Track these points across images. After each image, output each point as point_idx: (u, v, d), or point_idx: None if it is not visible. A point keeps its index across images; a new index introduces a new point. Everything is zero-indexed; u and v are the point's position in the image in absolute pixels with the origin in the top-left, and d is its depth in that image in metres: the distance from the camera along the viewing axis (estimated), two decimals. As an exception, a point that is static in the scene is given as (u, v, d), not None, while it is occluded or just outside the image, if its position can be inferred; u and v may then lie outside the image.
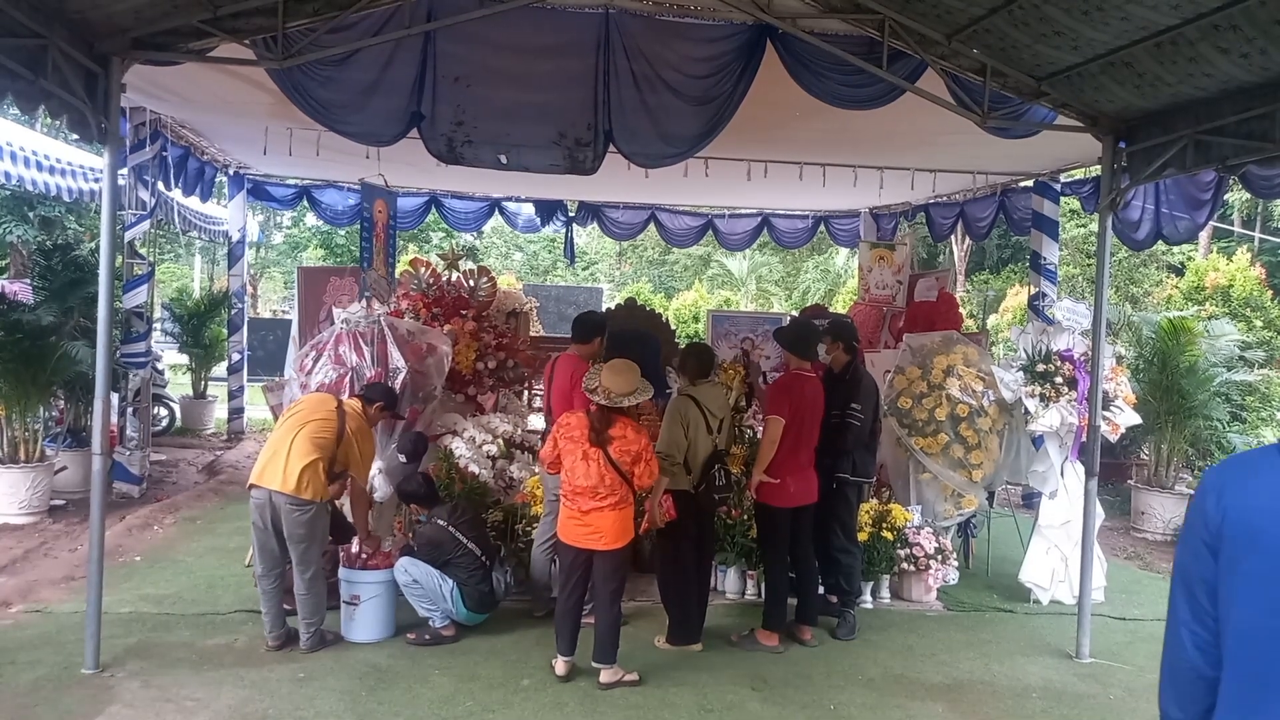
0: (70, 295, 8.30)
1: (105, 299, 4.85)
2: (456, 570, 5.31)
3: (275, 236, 27.80)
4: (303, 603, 5.07)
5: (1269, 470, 1.70)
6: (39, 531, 7.31)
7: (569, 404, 5.50)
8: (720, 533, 6.11)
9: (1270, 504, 1.65)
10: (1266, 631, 1.65)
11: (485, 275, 6.97)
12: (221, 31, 5.09)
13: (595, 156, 5.95)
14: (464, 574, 5.31)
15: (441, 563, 5.29)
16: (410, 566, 5.25)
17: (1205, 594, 1.73)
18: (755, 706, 4.71)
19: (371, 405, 5.35)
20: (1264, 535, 1.65)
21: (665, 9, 5.70)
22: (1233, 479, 1.75)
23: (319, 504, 4.97)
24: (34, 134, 9.61)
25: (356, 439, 5.12)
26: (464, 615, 5.36)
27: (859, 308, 10.51)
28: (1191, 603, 1.76)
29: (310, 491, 4.91)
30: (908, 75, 5.65)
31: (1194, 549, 1.75)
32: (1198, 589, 1.74)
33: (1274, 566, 1.64)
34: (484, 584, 5.39)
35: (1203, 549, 1.73)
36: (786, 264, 28.21)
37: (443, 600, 5.26)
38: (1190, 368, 9.02)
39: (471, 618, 5.41)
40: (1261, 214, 23.79)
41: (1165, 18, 4.30)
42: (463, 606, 5.32)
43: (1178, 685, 1.80)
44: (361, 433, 5.19)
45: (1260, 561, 1.65)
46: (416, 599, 5.27)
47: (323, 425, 5.02)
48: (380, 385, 5.62)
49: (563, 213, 13.08)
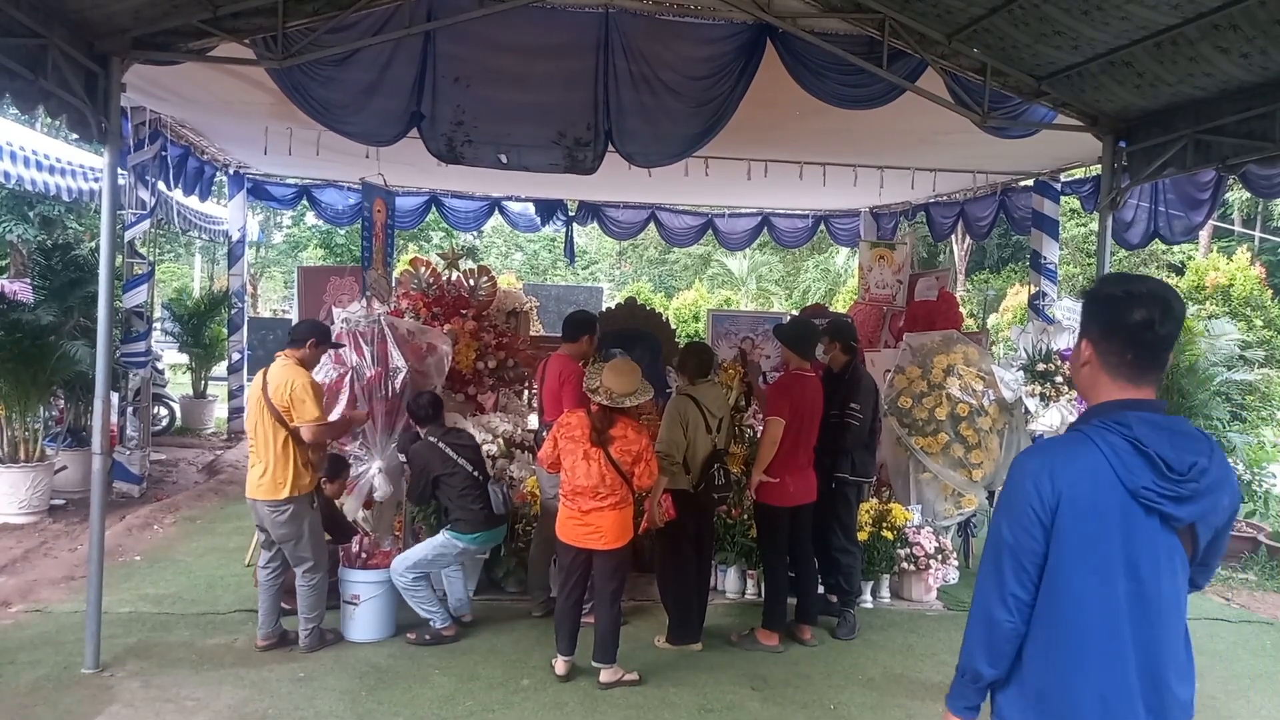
0: (70, 295, 8.31)
1: (105, 299, 4.85)
2: (448, 490, 5.23)
3: (275, 236, 27.80)
4: (300, 599, 5.06)
5: (1083, 453, 1.96)
6: (39, 531, 7.31)
7: (557, 403, 5.50)
8: (720, 532, 6.11)
9: (1091, 481, 1.93)
10: (1090, 593, 1.93)
11: (485, 275, 6.96)
12: (221, 31, 5.10)
13: (595, 156, 5.95)
14: (455, 494, 5.23)
15: (433, 484, 5.23)
16: (404, 562, 5.24)
17: (1033, 565, 1.98)
18: (755, 706, 4.71)
19: (304, 347, 5.04)
20: (1085, 511, 1.93)
21: (665, 8, 5.70)
22: (1061, 464, 1.97)
23: (297, 499, 4.87)
24: (34, 134, 9.61)
25: (293, 390, 4.85)
26: (470, 540, 5.27)
27: (859, 307, 10.50)
28: (1019, 573, 1.99)
29: (286, 489, 4.83)
30: (908, 75, 5.65)
31: (1028, 525, 1.97)
32: (1026, 560, 1.98)
33: (1097, 536, 1.93)
34: (477, 503, 5.26)
35: (1036, 525, 1.97)
36: (786, 263, 28.23)
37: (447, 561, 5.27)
38: (1190, 367, 9.01)
39: (477, 540, 5.31)
40: (1261, 213, 23.80)
41: (1165, 17, 4.30)
42: (464, 539, 5.24)
43: (994, 644, 2.02)
44: (299, 386, 4.85)
45: (1081, 534, 1.93)
46: (417, 602, 5.27)
47: (265, 404, 4.87)
48: (304, 323, 5.45)
49: (563, 212, 13.09)
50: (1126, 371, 2.01)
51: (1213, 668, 5.59)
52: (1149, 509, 1.93)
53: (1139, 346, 2.00)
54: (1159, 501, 1.92)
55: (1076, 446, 1.99)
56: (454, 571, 5.59)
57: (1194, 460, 1.94)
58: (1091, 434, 1.98)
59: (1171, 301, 2.00)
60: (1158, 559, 1.95)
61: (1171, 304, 2.00)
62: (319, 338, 5.13)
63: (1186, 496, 1.93)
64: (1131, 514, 1.93)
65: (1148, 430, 1.94)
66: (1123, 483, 1.92)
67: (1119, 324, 2.01)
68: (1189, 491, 1.93)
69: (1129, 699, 1.94)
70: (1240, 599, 7.06)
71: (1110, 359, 2.02)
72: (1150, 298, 1.99)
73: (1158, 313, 1.98)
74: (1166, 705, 1.96)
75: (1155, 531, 1.95)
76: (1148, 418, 1.98)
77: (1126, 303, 2.00)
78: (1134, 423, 1.96)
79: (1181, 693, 1.98)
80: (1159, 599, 1.96)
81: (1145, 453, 1.93)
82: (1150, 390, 2.03)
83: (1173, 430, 1.98)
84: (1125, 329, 2.00)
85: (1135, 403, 2.01)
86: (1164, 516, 1.94)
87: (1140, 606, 1.95)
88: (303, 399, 4.84)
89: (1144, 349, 2.00)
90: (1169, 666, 1.97)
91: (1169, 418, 2.02)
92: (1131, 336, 2.00)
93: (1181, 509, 1.93)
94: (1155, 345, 2.00)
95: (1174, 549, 1.97)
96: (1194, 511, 1.95)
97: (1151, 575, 1.95)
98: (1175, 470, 1.92)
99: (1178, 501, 1.93)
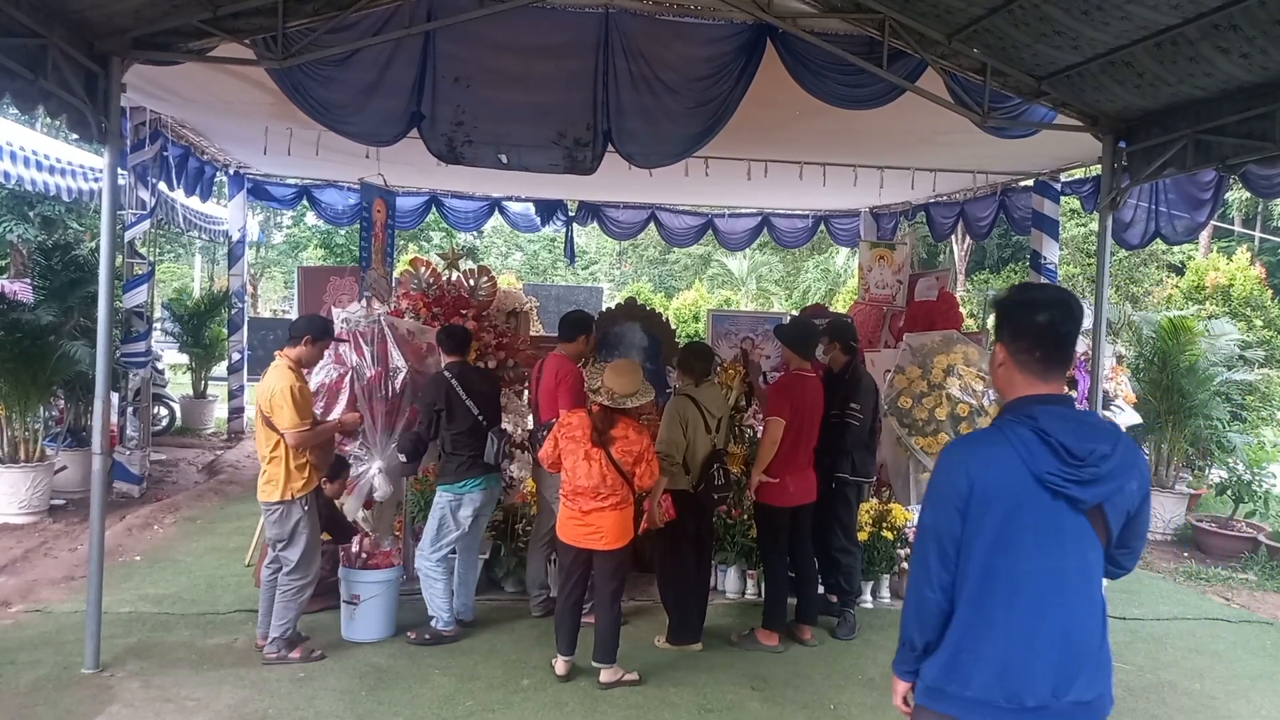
0: (70, 295, 8.31)
1: (105, 299, 4.85)
2: (445, 434, 5.22)
3: (275, 236, 27.81)
4: (276, 601, 4.94)
5: (994, 445, 2.23)
6: (39, 531, 7.31)
7: (553, 402, 5.50)
8: (720, 532, 6.11)
9: (998, 473, 2.19)
10: (1001, 571, 2.19)
11: (485, 275, 6.95)
12: (221, 31, 5.10)
13: (594, 157, 5.95)
14: (449, 439, 5.22)
15: (436, 423, 5.23)
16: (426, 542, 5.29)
17: (952, 547, 2.23)
18: (755, 706, 4.71)
19: (300, 344, 4.96)
20: (994, 497, 2.19)
21: (665, 9, 5.70)
22: (972, 456, 2.25)
23: (287, 503, 4.82)
24: (34, 134, 9.60)
25: (272, 396, 4.76)
26: (456, 489, 5.26)
27: (859, 307, 10.50)
28: (942, 556, 2.25)
29: (278, 492, 4.81)
30: (908, 75, 5.65)
31: (947, 513, 2.24)
32: (947, 544, 2.24)
33: (1006, 519, 2.18)
34: (465, 450, 5.21)
35: (954, 513, 2.22)
36: (787, 264, 28.22)
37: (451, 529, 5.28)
38: (1190, 367, 9.01)
39: (464, 488, 5.27)
40: (1261, 213, 23.81)
41: (1165, 17, 4.30)
42: (450, 490, 5.25)
43: (923, 618, 2.30)
44: (278, 392, 4.75)
45: (992, 518, 2.19)
46: (432, 594, 5.28)
47: (257, 406, 4.88)
48: (302, 319, 5.33)
49: (563, 212, 13.08)
50: (1035, 368, 2.26)
51: (1213, 668, 5.59)
52: (1055, 493, 2.16)
53: (1045, 345, 2.24)
54: (1063, 485, 2.15)
55: (988, 440, 2.28)
56: (468, 571, 5.59)
57: (1095, 447, 2.16)
58: (1003, 427, 2.24)
59: (1070, 304, 2.27)
60: (1064, 538, 2.19)
61: (1070, 306, 2.27)
62: (315, 334, 5.02)
63: (1089, 480, 2.16)
64: (1039, 498, 2.17)
65: (1053, 421, 2.18)
66: (1029, 470, 2.16)
67: (1026, 326, 2.27)
68: (1090, 476, 2.16)
69: (1030, 668, 2.17)
70: (1240, 599, 7.06)
71: (1021, 358, 2.27)
72: (1051, 302, 2.27)
73: (1059, 314, 2.24)
74: (1072, 675, 2.17)
75: (1062, 513, 2.18)
76: (1053, 410, 2.22)
77: (1031, 308, 2.27)
78: (1040, 415, 2.20)
79: (1086, 660, 2.20)
80: (1064, 575, 2.19)
81: (1049, 441, 2.16)
82: (1058, 385, 2.28)
83: (1078, 421, 2.23)
84: (1032, 330, 2.25)
85: (1043, 397, 2.25)
86: (1070, 499, 2.17)
87: (1047, 582, 2.18)
88: (280, 405, 4.76)
89: (1050, 347, 2.25)
90: (1076, 638, 2.19)
91: (1076, 410, 2.27)
92: (1038, 336, 2.25)
93: (1085, 491, 2.16)
94: (1059, 343, 2.25)
95: (1082, 529, 2.20)
96: (1098, 494, 2.18)
97: (1058, 554, 2.19)
98: (1076, 456, 2.15)
99: (1081, 485, 2.16)
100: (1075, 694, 2.18)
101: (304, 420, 4.81)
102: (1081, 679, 2.19)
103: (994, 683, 2.19)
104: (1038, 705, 2.17)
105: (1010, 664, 2.18)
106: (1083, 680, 2.19)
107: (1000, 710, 2.18)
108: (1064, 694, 2.17)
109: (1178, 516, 8.93)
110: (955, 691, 2.24)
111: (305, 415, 4.83)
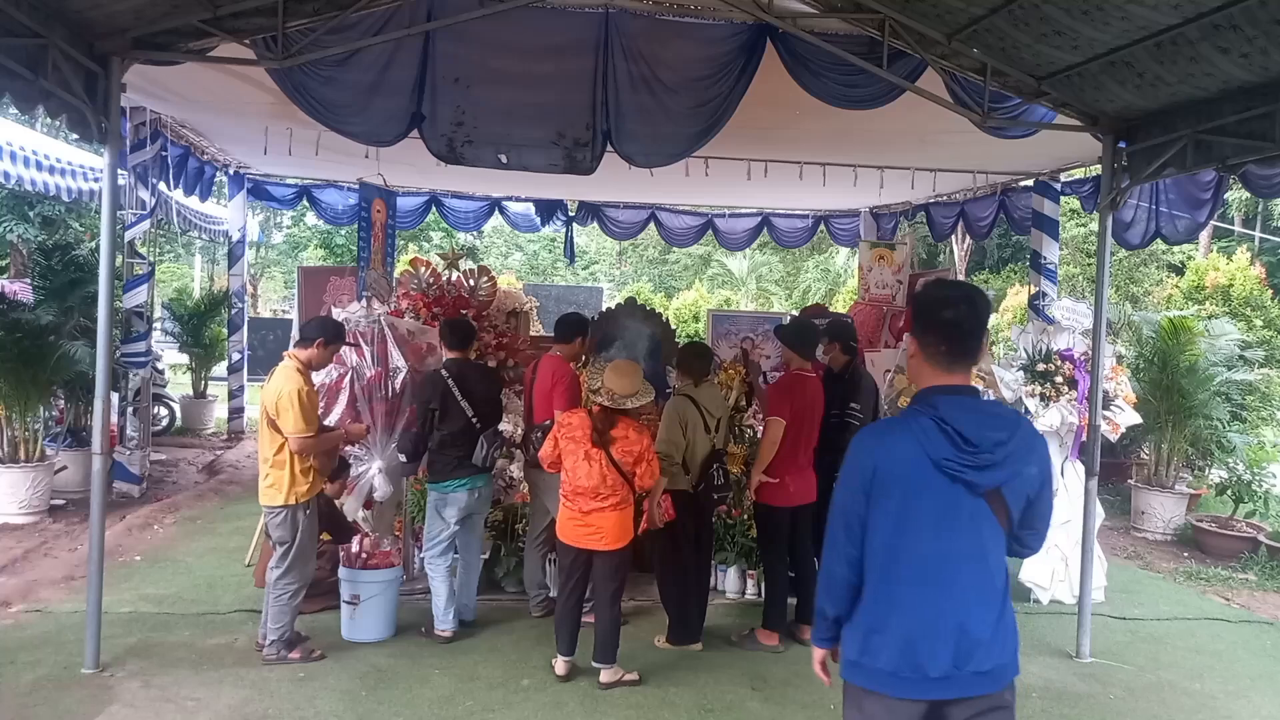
0: (70, 295, 8.31)
1: (105, 299, 4.85)
2: (438, 432, 5.19)
3: (275, 236, 27.79)
4: (271, 604, 4.92)
5: (896, 433, 2.42)
6: (39, 531, 7.31)
7: (548, 403, 5.49)
8: (720, 532, 6.11)
9: (898, 458, 2.36)
10: (902, 549, 2.37)
11: (485, 275, 6.95)
12: (221, 31, 5.09)
13: (593, 157, 5.95)
14: (439, 437, 5.19)
15: (429, 417, 5.20)
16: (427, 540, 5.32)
17: (858, 525, 2.42)
18: (755, 706, 4.71)
19: (311, 346, 4.92)
20: (893, 480, 2.36)
21: (665, 9, 5.69)
22: (877, 442, 2.45)
23: (290, 507, 4.80)
24: (34, 134, 9.61)
25: (279, 399, 4.71)
26: (441, 489, 5.26)
27: (859, 307, 10.51)
28: (849, 532, 2.43)
29: (281, 495, 4.79)
30: (908, 75, 5.64)
31: (854, 493, 2.42)
32: (854, 522, 2.42)
33: (901, 503, 2.36)
34: (454, 449, 5.18)
35: (860, 493, 2.40)
36: (787, 263, 28.21)
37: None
38: (1190, 367, 9.01)
39: (448, 488, 5.26)
40: (1261, 213, 23.80)
41: (1166, 17, 4.30)
42: (436, 488, 5.27)
43: (833, 592, 2.50)
44: (284, 395, 4.70)
45: (891, 499, 2.37)
46: (434, 592, 5.31)
47: (262, 408, 4.86)
48: (314, 320, 5.24)
49: (563, 212, 13.08)
50: (942, 360, 2.42)
51: (1213, 668, 5.59)
52: (954, 477, 2.32)
53: (950, 339, 2.41)
54: (960, 470, 2.31)
55: (892, 428, 2.49)
56: (466, 572, 5.59)
57: (992, 435, 2.33)
58: (907, 416, 2.44)
59: (976, 301, 2.45)
60: (962, 520, 2.35)
61: (976, 303, 2.44)
62: (328, 337, 4.96)
63: (984, 465, 2.32)
64: (937, 481, 2.33)
65: (952, 410, 2.35)
66: (928, 455, 2.33)
67: (933, 322, 2.44)
68: (985, 461, 2.31)
69: (932, 642, 2.34)
70: (1240, 599, 7.06)
71: (929, 350, 2.44)
72: (957, 299, 2.45)
73: (964, 311, 2.42)
74: (971, 646, 2.35)
75: (961, 496, 2.34)
76: (955, 400, 2.38)
77: (939, 304, 2.44)
78: (941, 404, 2.37)
79: (983, 634, 2.35)
80: (962, 556, 2.36)
81: (946, 429, 2.32)
82: (963, 377, 2.44)
83: (978, 410, 2.39)
84: (938, 325, 2.42)
85: (947, 388, 2.42)
86: (967, 484, 2.33)
87: (946, 562, 2.35)
88: (285, 409, 4.70)
89: (954, 341, 2.41)
90: (972, 615, 2.35)
91: (979, 400, 2.44)
92: (943, 331, 2.42)
93: (981, 476, 2.32)
94: (963, 337, 2.41)
95: (981, 512, 2.36)
96: (994, 478, 2.33)
97: (956, 535, 2.35)
98: (972, 443, 2.31)
99: (977, 470, 2.32)
100: (974, 665, 2.35)
101: (309, 427, 4.75)
102: (979, 652, 2.35)
103: (900, 656, 2.37)
104: (940, 676, 2.35)
105: (913, 638, 2.35)
106: (981, 653, 2.35)
107: (907, 681, 2.37)
108: (964, 665, 2.34)
109: (1178, 516, 8.93)
110: (869, 664, 2.42)
111: (311, 422, 4.77)
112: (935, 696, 2.36)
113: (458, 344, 5.40)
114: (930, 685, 2.36)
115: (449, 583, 5.38)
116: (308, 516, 4.90)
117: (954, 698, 2.37)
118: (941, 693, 2.36)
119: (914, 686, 2.37)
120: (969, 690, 2.36)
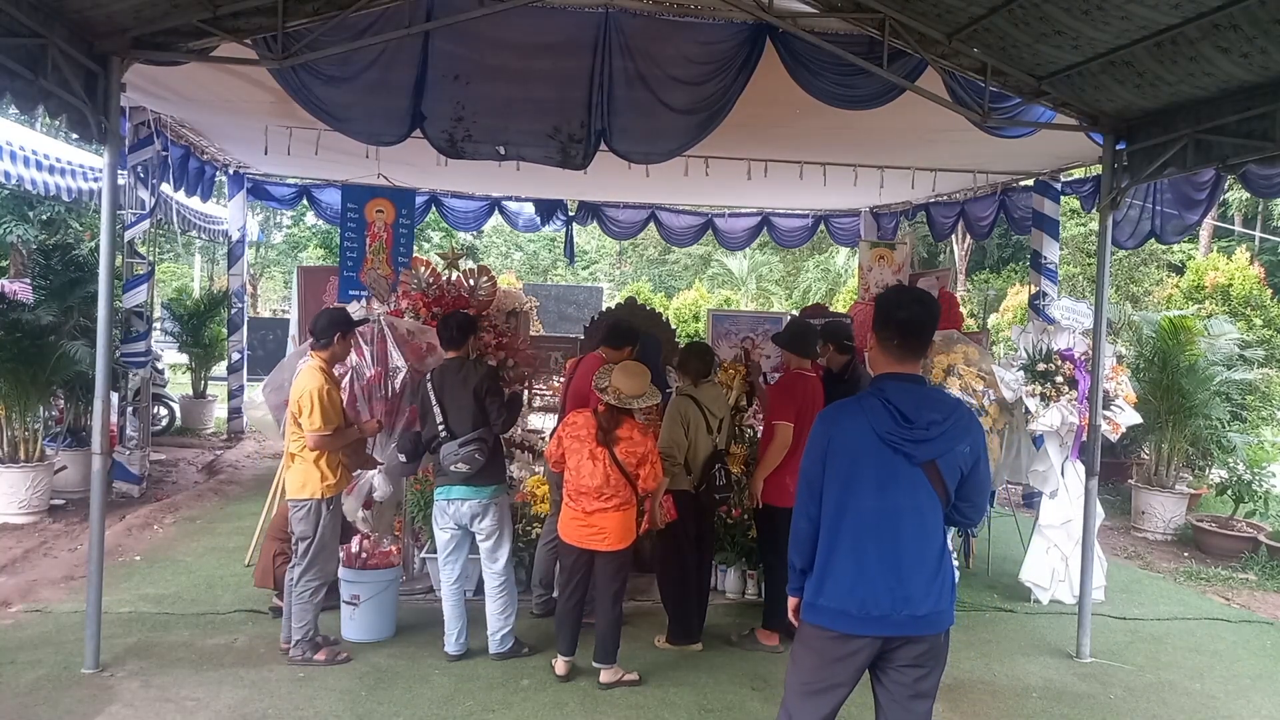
0: (70, 295, 8.31)
1: (105, 299, 4.85)
2: (422, 434, 5.13)
3: (275, 236, 27.80)
4: (293, 603, 4.93)
5: (850, 410, 2.88)
6: (39, 531, 7.31)
7: (585, 404, 5.44)
8: (720, 533, 6.10)
9: (849, 431, 2.83)
10: (849, 507, 2.81)
11: (485, 275, 6.94)
12: (221, 31, 5.09)
13: (586, 154, 5.98)
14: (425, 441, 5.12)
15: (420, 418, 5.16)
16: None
17: (817, 485, 2.87)
18: (755, 706, 4.71)
19: (330, 344, 4.98)
20: (844, 449, 2.82)
21: (665, 8, 5.69)
22: (834, 419, 2.91)
23: (314, 501, 4.87)
24: (34, 134, 9.59)
25: (300, 397, 4.82)
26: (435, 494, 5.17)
27: (859, 307, 10.50)
28: (810, 492, 2.88)
29: (306, 489, 4.88)
30: (908, 74, 5.64)
31: (814, 461, 2.88)
32: (814, 484, 2.87)
33: (849, 468, 2.81)
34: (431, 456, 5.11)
35: (819, 460, 2.86)
36: (787, 263, 28.22)
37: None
38: (1190, 367, 9.01)
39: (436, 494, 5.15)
40: (1261, 213, 23.80)
41: (1166, 17, 4.30)
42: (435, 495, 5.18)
43: (799, 545, 2.92)
44: (307, 393, 4.80)
45: (841, 464, 2.82)
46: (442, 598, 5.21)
47: (291, 409, 4.92)
48: (321, 316, 5.12)
49: (562, 212, 13.07)
50: (895, 353, 2.88)
51: (1213, 668, 5.59)
52: (895, 449, 2.76)
53: (902, 335, 2.86)
54: (900, 443, 2.76)
55: (846, 407, 2.93)
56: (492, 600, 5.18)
57: (928, 415, 2.77)
58: (860, 398, 2.90)
59: (926, 304, 2.92)
60: (899, 484, 2.78)
61: (926, 305, 2.91)
62: (342, 328, 5.05)
63: (919, 440, 2.76)
64: (881, 452, 2.77)
65: (898, 394, 2.81)
66: (874, 429, 2.78)
67: (890, 320, 2.88)
68: (920, 436, 2.76)
69: (873, 585, 2.76)
70: (1240, 599, 7.06)
71: (885, 344, 2.89)
72: (910, 302, 2.92)
73: (916, 312, 2.88)
74: (908, 594, 2.75)
75: (901, 465, 2.77)
76: (901, 385, 2.84)
77: (895, 306, 2.91)
78: (888, 388, 2.83)
79: (918, 581, 2.76)
80: (899, 513, 2.77)
81: (890, 408, 2.78)
82: (912, 367, 2.89)
83: (920, 395, 2.84)
84: (894, 323, 2.87)
85: (896, 375, 2.87)
86: (906, 455, 2.76)
87: (884, 518, 2.78)
88: (306, 406, 4.85)
89: (906, 337, 2.86)
90: (908, 565, 2.76)
91: (923, 387, 2.88)
92: (898, 328, 2.86)
93: (917, 449, 2.76)
94: (914, 334, 2.87)
95: (918, 480, 2.78)
96: (929, 451, 2.76)
97: (893, 496, 2.77)
98: (909, 420, 2.76)
99: (913, 443, 2.76)
100: (910, 609, 2.75)
101: (326, 425, 4.87)
102: (915, 597, 2.75)
103: (846, 595, 2.78)
104: (880, 615, 2.75)
105: (857, 581, 2.77)
106: (917, 598, 2.75)
107: (853, 618, 2.77)
108: (901, 609, 2.75)
109: (1178, 516, 8.93)
110: (822, 604, 2.83)
111: (330, 421, 4.89)
112: (876, 633, 2.76)
113: (449, 342, 5.20)
114: (872, 623, 2.76)
115: (453, 599, 5.14)
116: (331, 512, 4.95)
117: (893, 635, 2.76)
118: (881, 629, 2.75)
119: (859, 623, 2.76)
120: (907, 630, 2.76)
